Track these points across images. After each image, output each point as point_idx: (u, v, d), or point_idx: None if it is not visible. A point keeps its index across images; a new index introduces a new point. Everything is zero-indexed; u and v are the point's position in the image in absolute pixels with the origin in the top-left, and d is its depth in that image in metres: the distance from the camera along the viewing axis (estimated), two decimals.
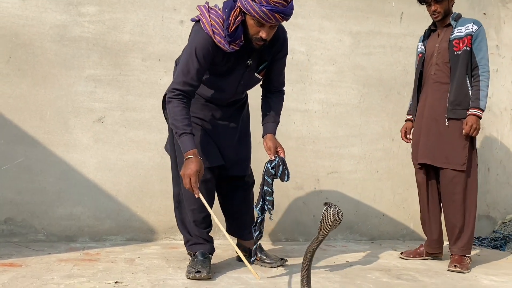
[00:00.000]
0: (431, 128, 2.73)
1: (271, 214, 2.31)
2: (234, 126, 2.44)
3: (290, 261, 2.57)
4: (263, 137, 2.37)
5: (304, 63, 3.44)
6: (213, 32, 2.07)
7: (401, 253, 2.92)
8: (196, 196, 2.10)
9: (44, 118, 2.97)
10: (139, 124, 3.11)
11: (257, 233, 2.34)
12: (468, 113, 2.61)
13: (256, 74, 2.32)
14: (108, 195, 3.05)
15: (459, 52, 2.64)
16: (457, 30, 2.67)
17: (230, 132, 2.42)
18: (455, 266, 2.58)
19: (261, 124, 2.43)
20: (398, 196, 3.63)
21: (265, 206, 2.26)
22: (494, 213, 3.86)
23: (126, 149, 3.09)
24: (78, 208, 3.00)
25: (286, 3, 2.01)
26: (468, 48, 2.63)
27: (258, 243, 2.38)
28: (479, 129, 2.61)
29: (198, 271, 2.12)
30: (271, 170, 2.20)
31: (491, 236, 3.71)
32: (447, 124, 2.66)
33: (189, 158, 2.07)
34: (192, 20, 2.24)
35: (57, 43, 2.99)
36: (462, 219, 2.66)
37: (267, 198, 2.23)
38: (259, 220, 2.31)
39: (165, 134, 3.09)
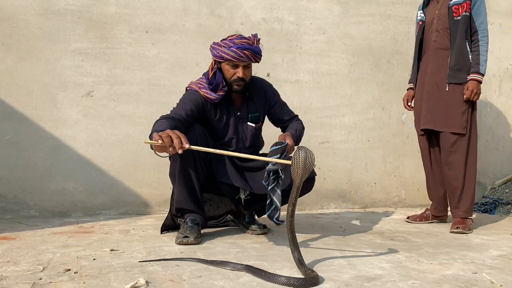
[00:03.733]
0: (432, 93, 2.74)
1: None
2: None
3: (282, 228, 2.59)
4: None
5: (294, 33, 3.41)
6: (199, 87, 2.34)
7: (408, 218, 2.98)
8: (188, 146, 1.88)
9: (32, 94, 2.92)
10: (128, 97, 3.07)
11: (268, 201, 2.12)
12: (468, 78, 2.64)
13: (249, 123, 2.43)
14: (100, 170, 3.03)
15: (459, 18, 2.65)
16: None
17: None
18: (457, 227, 2.61)
19: None
20: (389, 164, 3.66)
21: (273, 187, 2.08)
22: (484, 179, 3.91)
23: (116, 123, 3.06)
24: (70, 183, 2.98)
25: (250, 42, 2.27)
26: (468, 13, 2.64)
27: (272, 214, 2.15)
28: (479, 93, 2.64)
29: (186, 236, 2.16)
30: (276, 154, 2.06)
31: (481, 201, 3.77)
32: (447, 89, 2.69)
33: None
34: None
35: (41, 16, 2.92)
36: (463, 182, 2.69)
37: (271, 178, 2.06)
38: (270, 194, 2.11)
39: (155, 107, 3.08)
